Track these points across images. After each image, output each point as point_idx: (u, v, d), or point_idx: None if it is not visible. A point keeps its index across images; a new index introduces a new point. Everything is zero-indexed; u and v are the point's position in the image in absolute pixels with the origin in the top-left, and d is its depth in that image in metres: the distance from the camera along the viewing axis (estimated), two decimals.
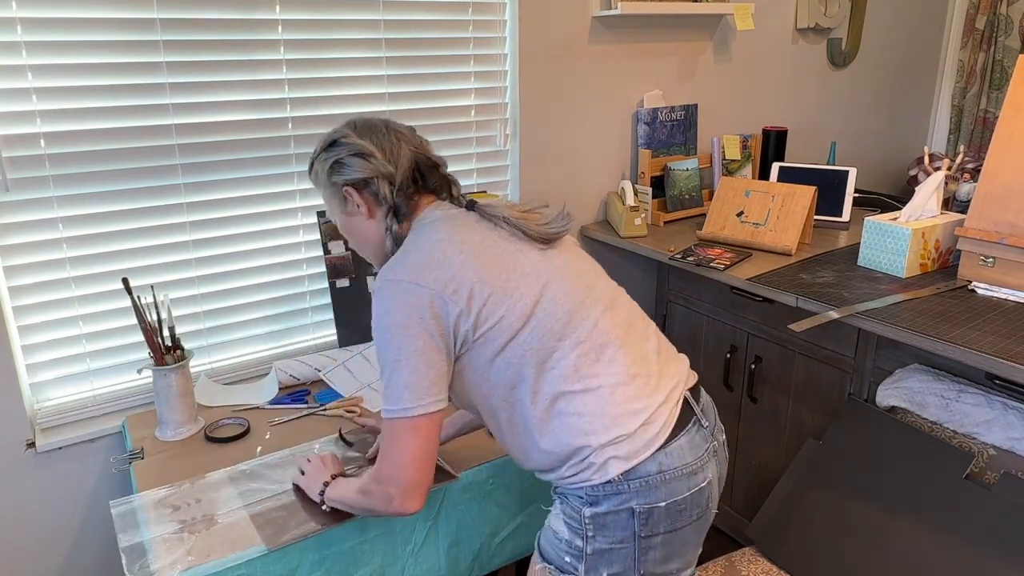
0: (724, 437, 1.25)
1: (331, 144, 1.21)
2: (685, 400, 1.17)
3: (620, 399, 1.11)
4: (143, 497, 1.35)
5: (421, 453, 1.09)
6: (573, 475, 1.12)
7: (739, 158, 2.43)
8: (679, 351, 1.27)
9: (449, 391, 1.14)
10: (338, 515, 1.29)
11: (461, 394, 1.17)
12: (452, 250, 1.11)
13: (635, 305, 1.25)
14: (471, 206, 1.23)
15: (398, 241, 1.21)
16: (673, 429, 1.13)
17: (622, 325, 1.17)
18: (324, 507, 1.28)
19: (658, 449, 1.11)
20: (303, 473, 1.36)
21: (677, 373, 1.20)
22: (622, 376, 1.12)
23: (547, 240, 1.19)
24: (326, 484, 1.28)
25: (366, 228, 1.23)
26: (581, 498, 1.13)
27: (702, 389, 1.25)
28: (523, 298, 1.11)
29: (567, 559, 1.16)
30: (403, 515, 1.13)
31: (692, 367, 2.21)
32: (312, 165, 1.26)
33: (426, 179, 1.23)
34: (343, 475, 1.33)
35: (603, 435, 1.10)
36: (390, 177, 1.20)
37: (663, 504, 1.11)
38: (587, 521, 1.12)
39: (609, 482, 1.10)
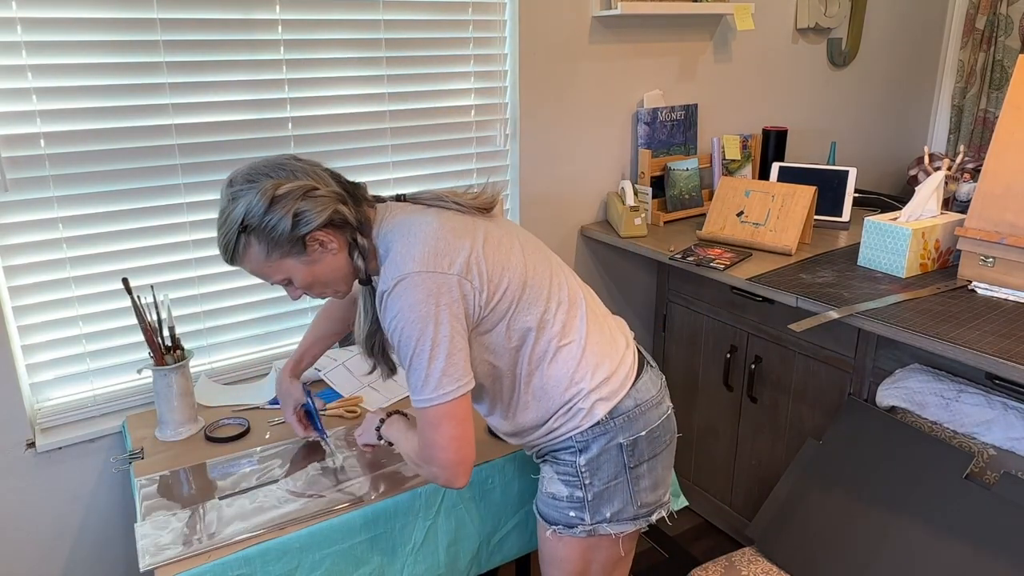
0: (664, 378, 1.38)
1: (272, 203, 1.08)
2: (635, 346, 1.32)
3: (597, 347, 1.23)
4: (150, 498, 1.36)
5: (458, 433, 1.12)
6: (560, 426, 1.22)
7: (739, 158, 2.43)
8: (679, 351, 1.31)
9: None
10: (339, 511, 1.29)
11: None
12: (451, 236, 1.13)
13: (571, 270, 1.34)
14: (400, 198, 1.25)
15: (364, 255, 1.16)
16: (637, 369, 1.27)
17: (585, 288, 1.30)
18: (383, 441, 1.33)
19: (631, 387, 1.24)
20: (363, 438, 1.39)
21: (623, 325, 1.34)
22: (594, 327, 1.24)
23: (487, 209, 1.25)
24: (381, 421, 1.33)
25: (333, 264, 1.16)
26: (571, 448, 1.23)
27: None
28: (516, 266, 1.17)
29: (571, 514, 1.25)
30: (448, 487, 1.17)
31: (691, 367, 2.22)
32: (238, 242, 1.11)
33: (353, 188, 1.19)
34: (399, 413, 1.37)
35: (591, 380, 1.21)
36: (342, 199, 1.14)
37: (643, 433, 1.24)
38: (583, 470, 1.23)
39: (597, 424, 1.21)
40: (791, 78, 2.68)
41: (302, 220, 1.10)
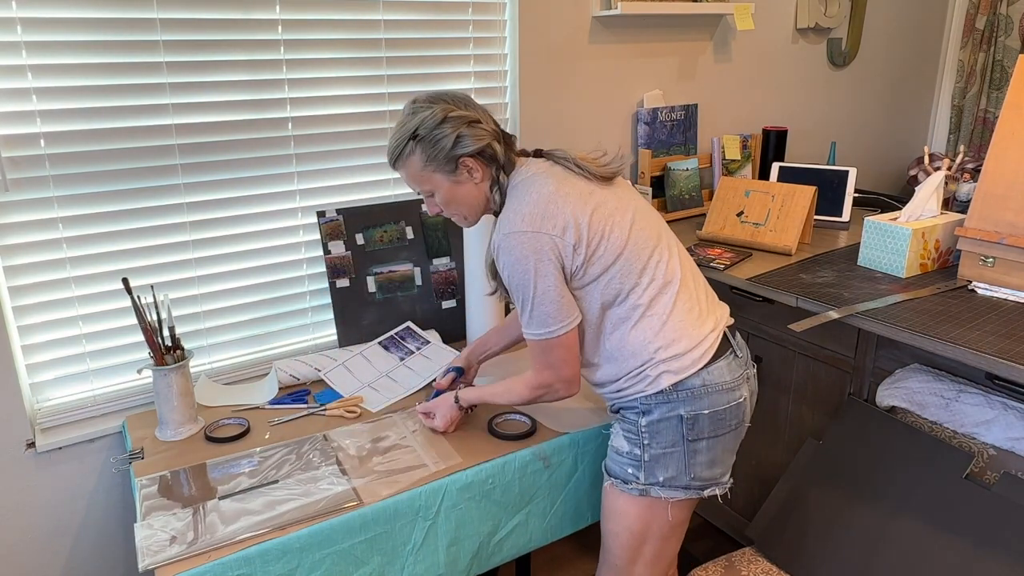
0: (755, 371, 1.46)
1: (443, 121, 1.28)
2: (724, 334, 1.39)
3: (678, 325, 1.33)
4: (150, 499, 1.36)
5: (570, 357, 1.33)
6: (629, 387, 1.34)
7: (739, 158, 2.43)
8: None
9: None
10: (339, 511, 1.29)
11: None
12: (561, 200, 1.28)
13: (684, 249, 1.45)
14: (539, 154, 1.40)
15: (502, 192, 1.34)
16: (715, 354, 1.34)
17: (688, 269, 1.39)
18: (466, 410, 1.55)
19: (702, 368, 1.32)
20: (431, 416, 1.56)
21: (720, 315, 1.41)
22: (681, 307, 1.34)
23: (608, 178, 1.37)
24: (456, 399, 1.52)
25: (473, 192, 1.35)
26: (636, 409, 1.35)
27: (738, 333, 1.46)
28: (616, 239, 1.29)
29: (629, 470, 1.37)
30: (567, 397, 1.39)
31: None
32: (405, 147, 1.31)
33: (507, 136, 1.37)
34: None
35: (664, 352, 1.31)
36: (498, 138, 1.34)
37: (707, 412, 1.33)
38: (643, 430, 1.34)
39: (660, 392, 1.32)
40: (791, 78, 2.68)
41: (461, 142, 1.29)
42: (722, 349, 1.36)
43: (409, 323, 1.93)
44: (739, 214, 2.08)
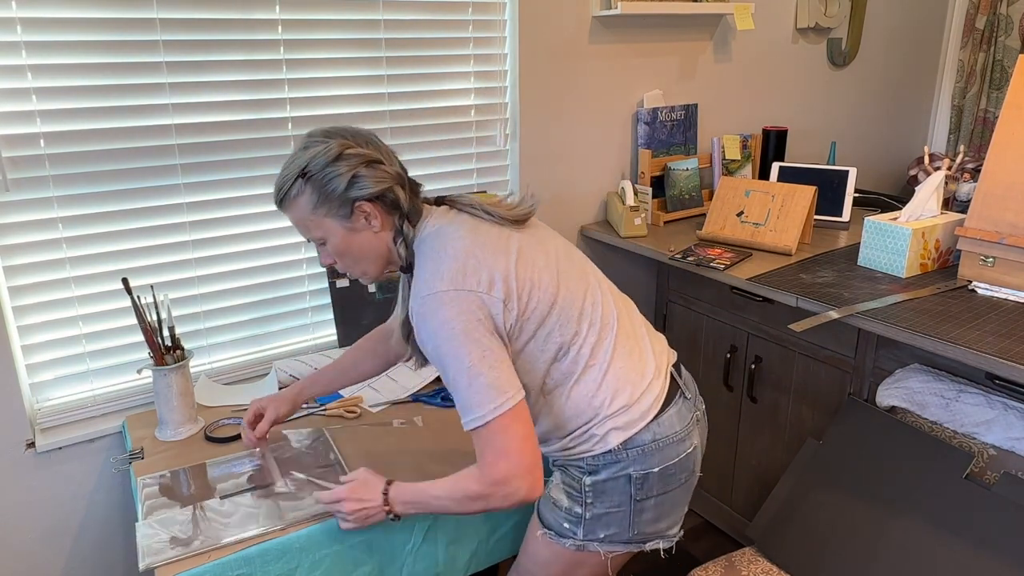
0: (704, 407, 1.34)
1: (337, 159, 1.12)
2: (671, 374, 1.27)
3: (621, 373, 1.19)
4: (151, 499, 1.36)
5: (527, 432, 1.09)
6: (575, 447, 1.21)
7: (739, 158, 2.43)
8: (679, 351, 1.29)
9: None
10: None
11: None
12: (481, 253, 1.13)
13: (611, 283, 1.31)
14: (440, 202, 1.25)
15: (408, 244, 1.18)
16: (664, 401, 1.22)
17: (622, 305, 1.26)
18: (392, 516, 1.21)
19: (652, 420, 1.20)
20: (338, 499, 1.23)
21: (662, 350, 1.29)
22: (621, 351, 1.21)
23: (520, 222, 1.23)
24: (385, 491, 1.20)
25: (371, 242, 1.18)
26: (581, 468, 1.22)
27: (682, 365, 1.34)
28: (547, 286, 1.16)
29: (566, 525, 1.25)
30: (528, 503, 1.12)
31: (691, 367, 2.22)
32: (292, 187, 1.13)
33: (412, 181, 1.22)
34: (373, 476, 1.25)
35: (608, 407, 1.18)
36: (402, 182, 1.18)
37: (657, 469, 1.20)
38: (587, 489, 1.21)
39: (609, 451, 1.19)
40: (791, 78, 2.68)
41: (357, 184, 1.13)
42: (671, 394, 1.24)
43: None
44: (739, 214, 2.08)
